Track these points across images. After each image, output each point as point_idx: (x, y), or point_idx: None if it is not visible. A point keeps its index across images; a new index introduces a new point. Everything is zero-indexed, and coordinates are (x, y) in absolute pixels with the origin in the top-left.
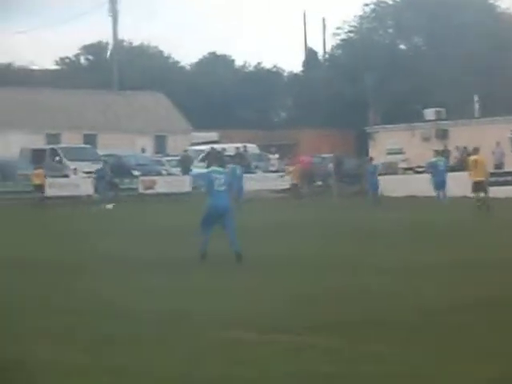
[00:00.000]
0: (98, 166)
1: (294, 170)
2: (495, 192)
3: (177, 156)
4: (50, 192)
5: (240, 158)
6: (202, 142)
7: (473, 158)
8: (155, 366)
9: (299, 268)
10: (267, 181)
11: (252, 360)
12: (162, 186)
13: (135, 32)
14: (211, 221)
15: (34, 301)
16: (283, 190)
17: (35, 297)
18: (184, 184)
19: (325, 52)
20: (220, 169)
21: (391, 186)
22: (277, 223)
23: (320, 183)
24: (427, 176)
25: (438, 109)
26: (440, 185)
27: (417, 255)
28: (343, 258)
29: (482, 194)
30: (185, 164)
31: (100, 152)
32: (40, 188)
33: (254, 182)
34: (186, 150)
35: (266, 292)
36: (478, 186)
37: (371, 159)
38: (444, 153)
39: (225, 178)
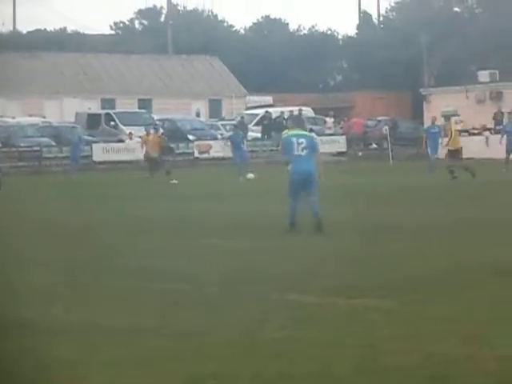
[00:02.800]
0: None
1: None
2: None
3: (232, 120)
4: (104, 157)
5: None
6: (256, 105)
7: None
8: (216, 327)
9: (357, 231)
10: (323, 144)
11: (311, 322)
12: (218, 150)
13: None
14: (296, 188)
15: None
16: (339, 153)
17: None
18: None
19: (379, 15)
20: (301, 131)
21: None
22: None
23: (375, 146)
24: (482, 138)
25: (492, 71)
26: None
27: (473, 214)
28: (403, 220)
29: None
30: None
31: (155, 117)
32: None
33: None
34: (241, 115)
35: (325, 255)
36: None
37: (434, 120)
38: (497, 115)
39: (306, 141)
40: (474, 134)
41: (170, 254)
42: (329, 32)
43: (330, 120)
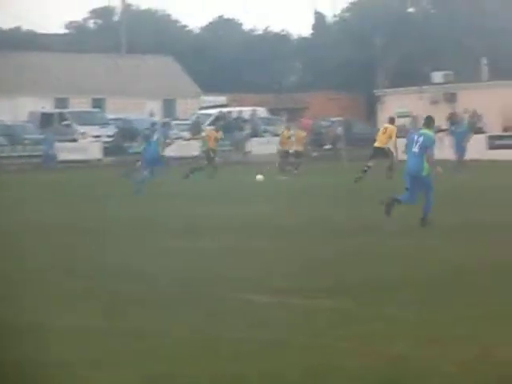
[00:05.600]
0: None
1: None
2: (504, 155)
3: (186, 120)
4: (57, 156)
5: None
6: (210, 105)
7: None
8: (171, 327)
9: (310, 232)
10: (276, 144)
11: (266, 322)
12: (171, 149)
13: None
14: (408, 183)
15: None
16: (292, 154)
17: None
18: (192, 148)
19: (334, 15)
20: (426, 131)
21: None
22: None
23: (329, 147)
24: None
25: (446, 72)
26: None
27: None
28: (361, 221)
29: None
30: (195, 128)
31: (109, 116)
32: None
33: (262, 146)
34: (195, 115)
35: (280, 254)
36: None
37: (460, 119)
38: (451, 116)
39: (423, 139)
40: None
41: (127, 255)
42: (283, 33)
43: (283, 120)
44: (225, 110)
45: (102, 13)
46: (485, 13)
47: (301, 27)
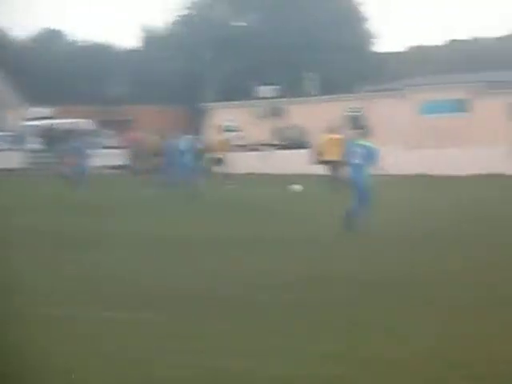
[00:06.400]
0: None
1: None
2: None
3: (11, 131)
4: None
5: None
6: (35, 117)
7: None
8: None
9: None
10: (104, 156)
11: (82, 337)
12: None
13: None
14: (353, 194)
15: None
16: (119, 166)
17: None
18: (13, 160)
19: (162, 28)
20: (362, 142)
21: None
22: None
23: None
24: (260, 154)
25: (273, 86)
26: None
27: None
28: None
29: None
30: (19, 140)
31: None
32: None
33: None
34: (20, 126)
35: (98, 269)
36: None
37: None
38: (276, 131)
39: (361, 150)
40: (252, 150)
41: None
42: (110, 44)
43: (110, 133)
44: (51, 121)
45: None
46: (314, 28)
47: (129, 39)
